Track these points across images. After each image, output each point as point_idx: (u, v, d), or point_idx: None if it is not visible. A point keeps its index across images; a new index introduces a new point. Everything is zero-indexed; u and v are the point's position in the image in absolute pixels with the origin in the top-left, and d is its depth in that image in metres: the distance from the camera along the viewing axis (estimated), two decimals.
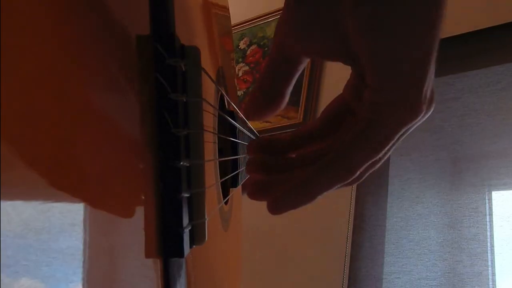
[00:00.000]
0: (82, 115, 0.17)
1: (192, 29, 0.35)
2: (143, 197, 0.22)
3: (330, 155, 0.24)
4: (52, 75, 0.15)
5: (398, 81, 0.22)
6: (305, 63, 0.26)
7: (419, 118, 0.23)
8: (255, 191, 0.28)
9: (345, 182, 0.24)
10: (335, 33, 0.23)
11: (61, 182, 0.15)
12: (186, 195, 0.25)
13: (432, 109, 0.23)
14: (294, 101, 1.49)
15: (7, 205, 0.13)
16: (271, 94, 0.27)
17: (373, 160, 0.24)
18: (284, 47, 0.25)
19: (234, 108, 0.48)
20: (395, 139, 0.23)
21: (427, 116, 0.23)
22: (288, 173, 0.28)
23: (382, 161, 0.26)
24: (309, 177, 0.24)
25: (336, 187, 0.25)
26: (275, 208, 0.26)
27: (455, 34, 1.23)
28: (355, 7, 0.21)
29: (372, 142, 0.23)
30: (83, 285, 0.16)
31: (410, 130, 0.24)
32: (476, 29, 1.21)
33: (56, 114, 0.15)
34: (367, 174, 0.26)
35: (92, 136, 0.18)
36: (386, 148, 0.23)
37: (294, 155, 0.29)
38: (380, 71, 0.22)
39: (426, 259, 1.17)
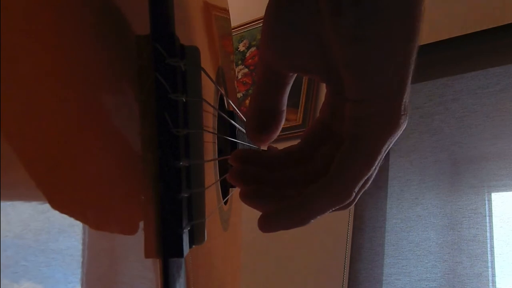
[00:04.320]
0: (82, 115, 0.17)
1: (192, 30, 0.35)
2: (142, 197, 0.22)
3: (325, 178, 0.24)
4: (52, 76, 0.15)
5: (380, 91, 0.22)
6: (292, 77, 0.26)
7: (399, 130, 0.23)
8: (246, 196, 0.27)
9: (342, 205, 0.24)
10: (315, 47, 0.23)
11: (61, 183, 0.15)
12: (186, 195, 0.24)
13: (407, 122, 0.23)
14: (293, 104, 1.49)
15: (7, 205, 0.12)
16: (267, 114, 0.26)
17: (366, 178, 0.24)
18: (267, 63, 0.25)
19: (234, 108, 0.48)
20: (383, 152, 0.23)
21: (403, 128, 0.23)
22: (276, 189, 0.27)
23: (373, 178, 0.25)
24: (305, 201, 0.24)
25: (331, 210, 0.24)
26: (266, 227, 0.25)
27: (453, 36, 1.23)
28: (335, 19, 0.21)
29: (361, 160, 0.23)
30: (82, 285, 0.16)
31: (392, 144, 0.24)
32: (475, 31, 1.21)
33: (55, 114, 0.15)
34: (359, 195, 0.26)
35: (91, 136, 0.18)
36: (376, 163, 0.23)
37: (277, 174, 0.28)
38: (362, 81, 0.22)
39: (426, 261, 1.16)
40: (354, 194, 0.24)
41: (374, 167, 0.23)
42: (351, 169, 0.23)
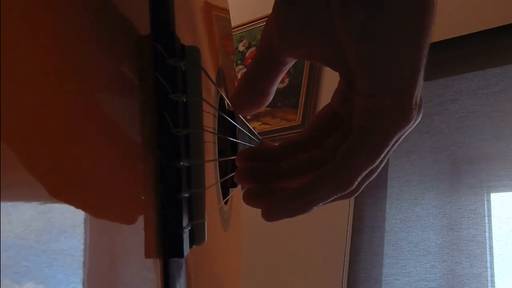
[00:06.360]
0: (82, 115, 0.17)
1: (192, 30, 0.35)
2: (143, 197, 0.22)
3: (328, 165, 0.24)
4: (52, 76, 0.15)
5: (391, 86, 0.22)
6: (291, 63, 0.26)
7: (410, 124, 0.23)
8: (249, 198, 0.28)
9: (343, 193, 0.24)
10: (324, 37, 0.23)
11: (61, 183, 0.15)
12: (186, 195, 0.24)
13: (421, 116, 0.23)
14: (293, 104, 1.49)
15: (8, 205, 0.12)
16: (254, 91, 0.26)
17: (370, 169, 0.24)
18: (270, 46, 0.25)
19: None
20: (390, 146, 0.23)
21: (417, 122, 0.23)
22: (281, 181, 0.28)
23: (379, 170, 0.25)
24: (307, 187, 0.24)
25: (334, 197, 0.24)
26: (270, 215, 0.25)
27: (453, 36, 1.23)
28: (345, 13, 0.21)
29: (367, 150, 0.23)
30: (83, 285, 0.16)
31: (403, 137, 0.24)
32: (474, 31, 1.21)
33: (56, 114, 0.15)
34: (364, 185, 0.26)
35: (92, 136, 0.18)
36: (382, 156, 0.23)
37: (284, 164, 0.28)
38: (372, 76, 0.22)
39: (425, 261, 1.17)
40: (356, 183, 0.24)
41: (379, 159, 0.23)
42: (355, 158, 0.23)
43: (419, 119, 0.23)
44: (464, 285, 1.09)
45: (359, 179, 0.24)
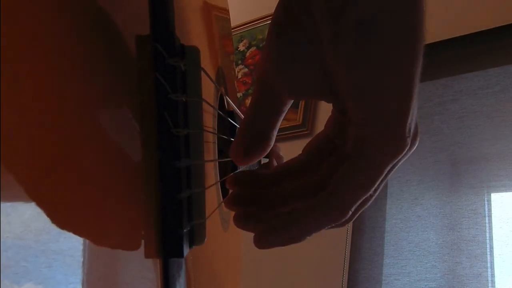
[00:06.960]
0: (82, 115, 0.17)
1: (192, 30, 0.35)
2: (143, 197, 0.22)
3: (320, 195, 0.23)
4: (51, 76, 0.15)
5: (382, 114, 0.21)
6: (289, 104, 0.26)
7: (404, 152, 0.22)
8: (239, 221, 0.27)
9: (338, 223, 0.24)
10: (314, 69, 0.23)
11: (61, 183, 0.15)
12: (186, 195, 0.24)
13: (417, 144, 0.23)
14: (293, 103, 1.49)
15: (7, 206, 0.12)
16: (257, 138, 0.26)
17: (364, 198, 0.23)
18: (266, 87, 0.25)
19: (234, 108, 0.48)
20: (384, 174, 0.23)
21: (412, 150, 0.23)
22: (273, 207, 0.27)
23: (373, 198, 0.25)
24: (299, 217, 0.24)
25: (327, 227, 0.24)
26: (261, 243, 0.25)
27: (453, 36, 1.23)
28: (335, 44, 0.21)
29: (361, 180, 0.23)
30: (82, 286, 0.16)
31: (398, 165, 0.24)
32: (474, 31, 1.21)
33: (55, 115, 0.15)
34: (359, 213, 0.26)
35: (92, 136, 0.18)
36: (376, 185, 0.23)
37: (276, 190, 0.28)
38: (363, 105, 0.22)
39: (426, 261, 1.17)
40: (350, 213, 0.23)
41: (373, 188, 0.23)
42: (348, 189, 0.23)
43: (414, 147, 0.23)
44: (464, 285, 1.09)
45: (353, 209, 0.23)
